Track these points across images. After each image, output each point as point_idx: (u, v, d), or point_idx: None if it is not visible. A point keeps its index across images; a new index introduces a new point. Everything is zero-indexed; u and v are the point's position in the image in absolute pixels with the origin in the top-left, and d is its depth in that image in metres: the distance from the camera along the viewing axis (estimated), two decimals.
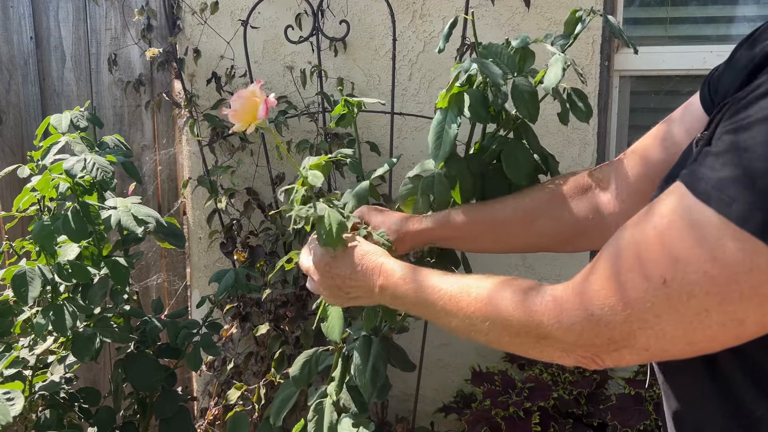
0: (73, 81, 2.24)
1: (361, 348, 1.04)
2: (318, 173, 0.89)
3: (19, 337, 1.51)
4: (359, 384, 1.01)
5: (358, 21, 2.00)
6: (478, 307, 0.71)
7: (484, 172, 0.97)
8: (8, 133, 2.23)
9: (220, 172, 2.02)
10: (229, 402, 1.88)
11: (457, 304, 0.73)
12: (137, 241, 1.56)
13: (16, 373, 1.43)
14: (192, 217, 2.23)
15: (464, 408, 1.94)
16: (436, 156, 0.90)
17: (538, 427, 1.72)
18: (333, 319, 0.98)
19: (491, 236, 0.94)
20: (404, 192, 0.97)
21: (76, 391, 1.60)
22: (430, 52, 1.99)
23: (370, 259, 0.85)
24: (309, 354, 1.12)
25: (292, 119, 2.01)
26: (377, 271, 0.83)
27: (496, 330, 0.70)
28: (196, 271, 2.26)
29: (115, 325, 1.52)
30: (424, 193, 0.95)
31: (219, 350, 1.70)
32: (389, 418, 2.05)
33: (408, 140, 2.06)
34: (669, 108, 0.85)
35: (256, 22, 2.02)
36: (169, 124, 2.24)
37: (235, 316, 2.02)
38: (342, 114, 1.06)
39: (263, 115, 0.81)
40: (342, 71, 2.04)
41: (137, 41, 2.14)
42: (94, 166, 1.37)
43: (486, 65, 0.89)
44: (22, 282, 1.31)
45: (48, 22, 2.21)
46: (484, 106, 0.91)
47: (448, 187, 0.93)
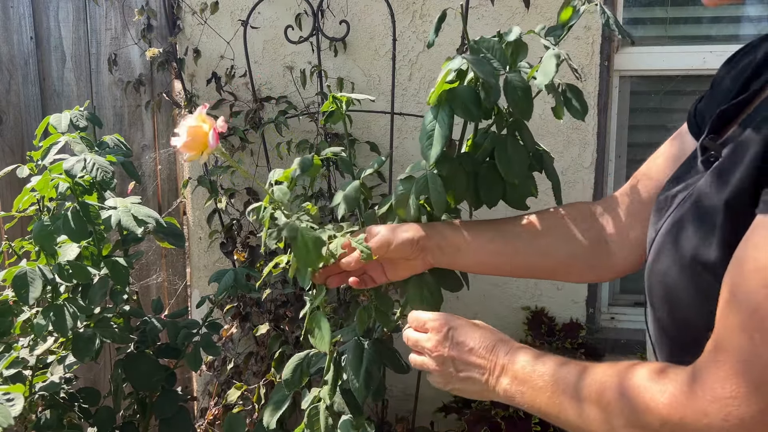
0: (73, 81, 2.24)
1: (353, 351, 1.01)
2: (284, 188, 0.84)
3: (19, 338, 1.51)
4: (353, 388, 0.99)
5: (358, 21, 2.00)
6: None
7: (477, 170, 0.94)
8: (8, 133, 2.23)
9: (220, 172, 2.02)
10: (229, 402, 1.87)
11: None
12: (137, 241, 1.56)
13: (16, 374, 1.43)
14: (192, 217, 2.23)
15: (464, 408, 1.94)
16: (428, 156, 0.87)
17: (537, 427, 1.72)
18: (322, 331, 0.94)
19: (494, 247, 0.90)
20: (398, 196, 0.93)
21: (76, 391, 1.60)
22: (430, 52, 1.99)
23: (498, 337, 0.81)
24: (301, 357, 1.09)
25: (292, 119, 2.01)
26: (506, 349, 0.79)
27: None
28: (196, 271, 2.26)
29: (115, 325, 1.52)
30: (417, 195, 0.91)
31: (219, 350, 1.70)
32: (389, 418, 2.05)
33: (408, 140, 2.06)
34: (669, 108, 0.85)
35: (256, 22, 2.02)
36: (169, 124, 2.24)
37: (235, 316, 2.02)
38: (331, 111, 1.02)
39: (214, 143, 0.76)
40: (342, 71, 2.04)
41: (137, 41, 2.14)
42: (94, 166, 1.37)
43: (477, 61, 0.85)
44: (23, 283, 1.31)
45: (48, 22, 2.20)
46: (475, 104, 0.87)
47: (442, 186, 0.89)
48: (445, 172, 0.90)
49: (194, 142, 0.77)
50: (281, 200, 0.83)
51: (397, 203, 0.93)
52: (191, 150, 0.78)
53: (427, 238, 0.90)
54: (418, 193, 0.90)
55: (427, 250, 0.91)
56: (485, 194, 0.94)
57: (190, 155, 0.78)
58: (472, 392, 0.83)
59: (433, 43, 0.95)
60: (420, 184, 0.90)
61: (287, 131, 2.03)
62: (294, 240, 0.82)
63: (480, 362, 0.80)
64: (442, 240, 0.90)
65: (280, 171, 0.87)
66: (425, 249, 0.91)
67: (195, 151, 0.78)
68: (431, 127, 0.88)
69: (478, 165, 0.94)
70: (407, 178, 0.93)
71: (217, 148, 0.77)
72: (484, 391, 0.81)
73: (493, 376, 0.78)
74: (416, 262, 0.92)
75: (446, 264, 0.93)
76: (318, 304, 0.94)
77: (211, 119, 0.77)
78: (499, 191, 0.94)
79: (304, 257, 0.81)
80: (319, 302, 0.93)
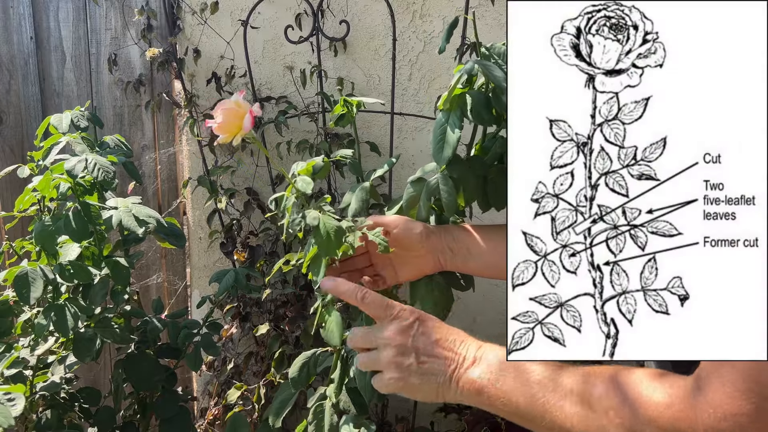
0: (73, 81, 2.24)
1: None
2: (307, 179, 0.87)
3: (19, 338, 1.51)
4: (359, 386, 1.00)
5: (358, 21, 2.00)
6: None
7: (486, 174, 0.96)
8: (8, 133, 2.23)
9: (220, 172, 2.02)
10: (229, 402, 1.88)
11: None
12: (138, 241, 1.56)
13: (16, 374, 1.43)
14: (192, 217, 2.23)
15: (464, 408, 1.94)
16: (439, 159, 0.89)
17: None
18: (332, 325, 0.96)
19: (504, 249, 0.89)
20: (408, 197, 0.95)
21: (76, 391, 1.60)
22: (430, 52, 1.99)
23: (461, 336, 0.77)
24: (307, 355, 1.10)
25: (292, 119, 2.01)
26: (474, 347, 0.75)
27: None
28: (196, 271, 2.26)
29: (115, 325, 1.52)
30: (428, 197, 0.92)
31: (219, 350, 1.70)
32: (389, 418, 2.05)
33: (408, 140, 2.06)
34: None
35: (256, 22, 2.03)
36: (169, 124, 2.24)
37: (235, 316, 2.02)
38: (341, 114, 1.05)
39: (249, 126, 0.78)
40: (342, 71, 2.04)
41: (137, 41, 2.15)
42: (95, 167, 1.37)
43: (488, 67, 0.88)
44: (24, 283, 1.31)
45: (48, 22, 2.20)
46: (486, 108, 0.89)
47: (453, 188, 0.91)
48: (456, 175, 0.91)
49: (229, 124, 0.79)
50: (305, 190, 0.85)
51: (408, 204, 0.95)
52: (226, 132, 0.79)
53: (437, 238, 0.91)
54: (429, 194, 0.92)
55: (437, 250, 0.91)
56: (494, 197, 0.96)
57: (224, 137, 0.79)
58: (428, 391, 0.75)
59: (444, 50, 0.98)
60: (431, 186, 0.92)
61: (287, 131, 2.03)
62: (316, 228, 0.83)
63: (447, 354, 0.74)
64: (452, 242, 0.91)
65: (303, 163, 0.89)
66: (435, 248, 0.91)
67: (229, 134, 0.80)
68: (442, 131, 0.89)
69: (487, 168, 0.96)
70: (418, 180, 0.95)
71: (250, 132, 0.79)
72: (441, 388, 0.74)
73: (462, 368, 0.73)
74: (427, 261, 0.92)
75: (458, 267, 0.93)
76: (330, 298, 0.95)
77: (247, 103, 0.79)
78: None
79: (325, 245, 0.82)
80: (331, 297, 0.94)
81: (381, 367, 0.79)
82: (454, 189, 0.91)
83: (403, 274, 0.94)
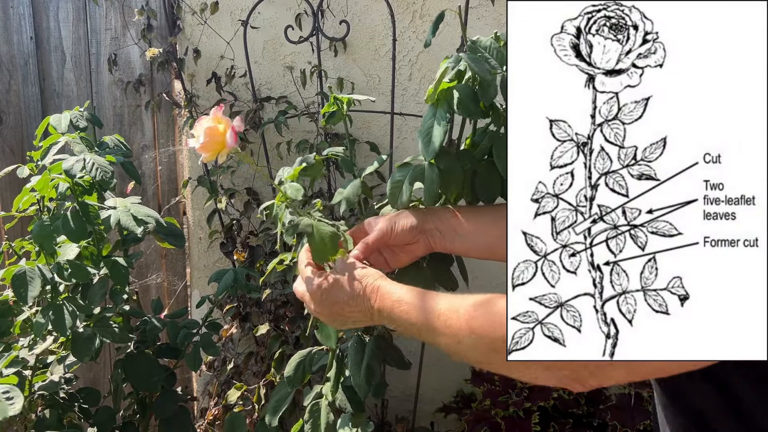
0: (73, 81, 2.24)
1: (355, 347, 1.03)
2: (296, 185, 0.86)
3: (18, 337, 1.51)
4: (354, 383, 1.00)
5: (358, 21, 2.00)
6: (462, 326, 0.70)
7: (475, 168, 0.96)
8: (8, 133, 2.23)
9: (220, 172, 2.02)
10: (229, 402, 1.88)
11: (445, 323, 0.72)
12: (137, 241, 1.56)
13: (15, 373, 1.43)
14: (192, 217, 2.23)
15: (464, 408, 1.94)
16: (426, 151, 0.89)
17: (537, 426, 1.72)
18: (328, 327, 0.96)
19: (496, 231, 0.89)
20: (393, 183, 0.95)
21: (75, 391, 1.60)
22: (430, 52, 1.99)
23: (367, 282, 0.83)
24: (303, 354, 1.11)
25: (292, 119, 2.01)
26: (374, 294, 0.82)
27: (482, 347, 0.69)
28: (196, 271, 2.26)
29: (114, 325, 1.52)
30: (411, 182, 0.92)
31: (219, 350, 1.70)
32: (389, 418, 2.05)
33: (408, 140, 2.06)
34: None
35: (256, 22, 2.02)
36: (169, 124, 2.24)
37: (235, 316, 2.02)
38: (332, 111, 1.04)
39: (233, 143, 0.76)
40: (342, 71, 2.04)
41: (137, 41, 2.14)
42: (93, 166, 1.37)
43: (474, 59, 0.87)
44: (22, 282, 1.31)
45: (48, 22, 2.20)
46: (473, 101, 0.89)
47: (438, 176, 0.91)
48: (443, 166, 0.91)
49: (212, 142, 0.77)
50: (295, 197, 0.84)
51: (392, 190, 0.94)
52: (209, 150, 0.77)
53: (425, 221, 0.91)
54: (412, 179, 0.92)
55: (426, 232, 0.92)
56: (483, 191, 0.95)
57: (207, 155, 0.77)
58: (369, 324, 0.88)
59: (431, 43, 0.97)
60: (416, 171, 0.92)
61: (287, 131, 2.03)
62: (310, 235, 0.83)
63: (359, 308, 0.84)
64: (439, 222, 0.91)
65: (289, 169, 0.88)
66: (424, 231, 0.92)
67: (212, 151, 0.77)
68: (430, 124, 0.89)
69: (476, 162, 0.96)
70: (404, 164, 0.95)
71: (234, 148, 0.76)
72: (377, 324, 0.86)
73: (373, 317, 0.83)
74: (418, 246, 0.93)
75: (446, 248, 0.94)
76: None
77: (227, 119, 0.77)
78: (497, 188, 0.95)
79: (321, 251, 0.83)
80: None
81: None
82: (438, 178, 0.90)
83: (393, 262, 0.95)
